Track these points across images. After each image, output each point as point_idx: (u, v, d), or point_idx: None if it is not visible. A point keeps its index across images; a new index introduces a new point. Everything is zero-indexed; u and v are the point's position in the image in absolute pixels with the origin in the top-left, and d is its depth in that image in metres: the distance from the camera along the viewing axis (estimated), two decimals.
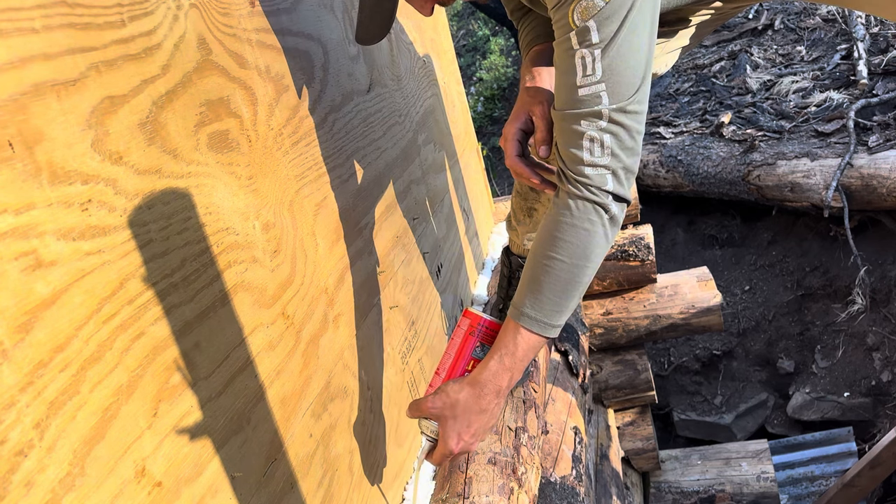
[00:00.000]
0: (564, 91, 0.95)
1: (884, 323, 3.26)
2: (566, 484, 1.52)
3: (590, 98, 0.92)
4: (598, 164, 0.94)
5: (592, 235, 0.98)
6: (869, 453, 2.57)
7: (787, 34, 4.51)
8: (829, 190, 3.17)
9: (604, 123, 0.92)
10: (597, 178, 0.95)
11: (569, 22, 0.91)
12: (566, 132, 0.96)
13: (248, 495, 0.83)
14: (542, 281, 0.99)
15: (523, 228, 1.57)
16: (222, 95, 0.88)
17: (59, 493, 0.56)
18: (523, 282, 1.03)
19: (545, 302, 1.00)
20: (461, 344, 1.12)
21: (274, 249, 0.97)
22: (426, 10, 1.09)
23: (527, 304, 1.00)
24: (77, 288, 0.61)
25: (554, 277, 0.99)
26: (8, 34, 0.57)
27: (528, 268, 1.03)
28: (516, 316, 1.02)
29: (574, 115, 0.94)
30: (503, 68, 6.35)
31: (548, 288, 0.99)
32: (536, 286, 1.00)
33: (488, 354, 1.05)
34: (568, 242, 0.98)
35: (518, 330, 1.01)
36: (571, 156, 0.96)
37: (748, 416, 3.59)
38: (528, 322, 1.00)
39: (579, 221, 0.97)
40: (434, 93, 2.06)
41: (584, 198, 0.96)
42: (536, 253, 1.01)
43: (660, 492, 2.99)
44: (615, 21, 0.89)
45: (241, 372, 0.85)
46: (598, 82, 0.91)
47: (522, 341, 1.02)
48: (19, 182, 0.56)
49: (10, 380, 0.53)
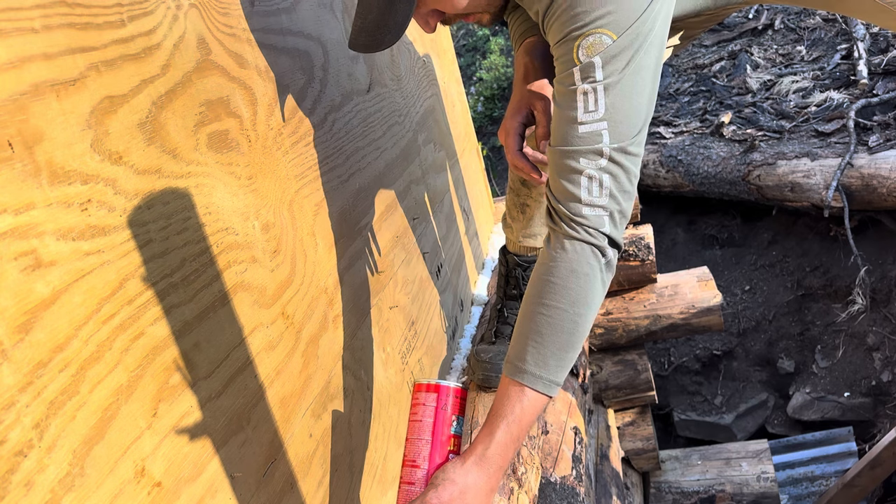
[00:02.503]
0: (564, 127, 0.91)
1: (884, 323, 3.26)
2: (566, 484, 1.52)
3: (590, 136, 0.89)
4: (595, 204, 0.90)
5: (591, 280, 0.92)
6: (869, 453, 2.57)
7: (787, 34, 4.51)
8: (830, 190, 3.17)
9: (604, 162, 0.89)
10: (594, 218, 0.91)
11: (573, 57, 0.89)
12: (563, 169, 0.92)
13: (248, 495, 0.83)
14: (544, 333, 0.91)
15: (517, 225, 1.57)
16: (222, 95, 0.88)
17: (59, 494, 0.56)
18: (520, 335, 0.94)
19: (549, 357, 0.91)
20: (434, 424, 0.97)
21: (274, 249, 0.97)
22: (429, 27, 1.05)
23: (529, 361, 0.91)
24: (77, 288, 0.60)
25: (556, 329, 0.91)
26: (8, 34, 0.57)
27: (523, 319, 0.95)
28: (518, 375, 0.92)
29: (573, 151, 0.90)
30: (503, 68, 6.35)
31: (550, 341, 0.91)
32: (537, 339, 0.91)
33: (489, 423, 0.92)
34: (567, 289, 0.91)
35: (522, 391, 0.91)
36: (568, 194, 0.92)
37: (748, 416, 3.59)
38: (533, 381, 0.91)
39: (578, 265, 0.91)
40: (434, 93, 2.06)
41: (581, 240, 0.91)
42: (532, 302, 0.94)
43: (660, 492, 2.99)
44: (621, 60, 0.87)
45: (240, 372, 0.85)
46: (600, 120, 0.89)
47: (529, 404, 0.91)
48: (19, 182, 0.56)
49: (10, 380, 0.53)
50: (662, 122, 4.19)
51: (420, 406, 0.99)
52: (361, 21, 0.99)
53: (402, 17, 0.95)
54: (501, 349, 1.56)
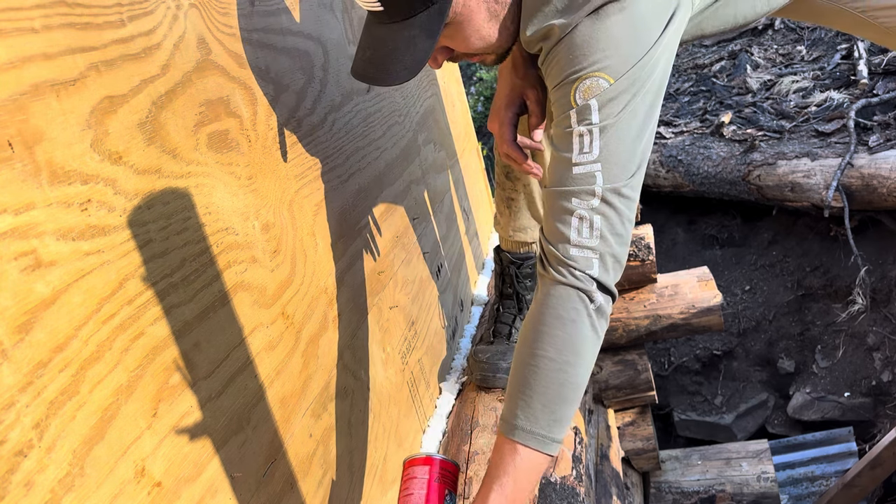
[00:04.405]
0: (559, 169, 0.91)
1: (884, 323, 3.26)
2: (566, 484, 1.51)
3: (584, 177, 0.88)
4: (584, 245, 0.89)
5: (579, 327, 0.88)
6: (869, 453, 2.57)
7: (787, 34, 4.51)
8: (830, 190, 3.17)
9: (595, 202, 0.88)
10: (582, 260, 0.89)
11: (570, 100, 0.89)
12: (556, 210, 0.91)
13: (248, 495, 0.83)
14: (532, 385, 0.87)
15: (505, 220, 1.57)
16: (222, 95, 0.88)
17: (59, 494, 0.56)
18: (511, 389, 0.91)
19: (538, 410, 0.87)
20: (428, 496, 0.91)
21: (273, 249, 0.97)
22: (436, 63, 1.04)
23: (519, 416, 0.87)
24: (77, 288, 0.60)
25: (543, 380, 0.87)
26: (8, 34, 0.57)
27: (514, 370, 0.91)
28: (508, 431, 0.88)
29: (567, 192, 0.89)
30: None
31: (539, 393, 0.87)
32: (526, 392, 0.88)
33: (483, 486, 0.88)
34: (553, 336, 0.88)
35: (514, 448, 0.87)
36: (557, 234, 0.90)
37: (748, 416, 3.59)
38: (524, 437, 0.87)
39: (563, 311, 0.88)
40: (434, 93, 2.06)
41: (566, 283, 0.89)
42: (521, 352, 0.91)
43: (660, 492, 2.99)
44: (618, 103, 0.87)
45: (240, 372, 0.85)
46: (594, 161, 0.88)
47: (522, 462, 0.86)
48: (19, 182, 0.56)
49: (10, 380, 0.53)
50: (662, 122, 4.19)
51: (411, 480, 0.94)
52: (371, 53, 0.96)
53: (421, 53, 0.93)
54: (499, 349, 1.56)
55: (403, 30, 0.91)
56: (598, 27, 0.87)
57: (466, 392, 1.60)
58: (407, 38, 0.92)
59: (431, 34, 0.91)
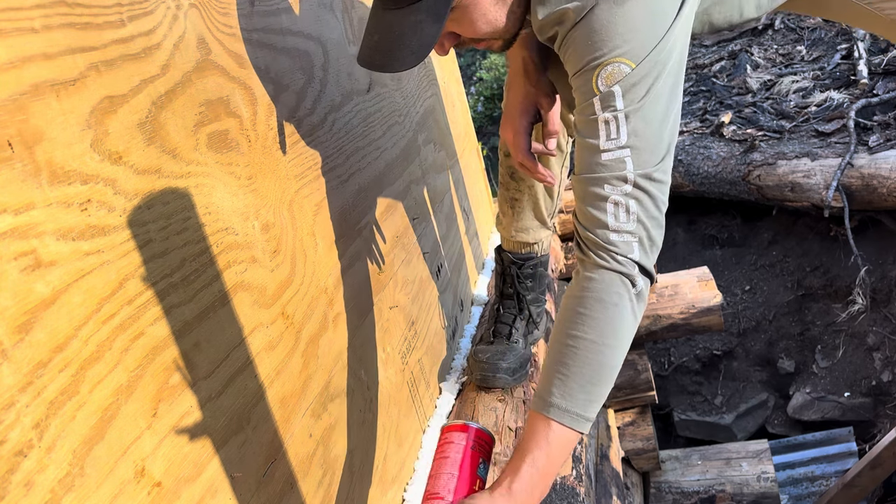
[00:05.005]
0: (587, 156, 0.91)
1: (884, 323, 3.26)
2: (566, 484, 1.51)
3: (614, 163, 0.89)
4: (623, 229, 0.90)
5: (620, 311, 0.90)
6: (869, 453, 2.57)
7: (787, 34, 4.51)
8: (830, 190, 3.17)
9: (629, 188, 0.89)
10: (622, 245, 0.90)
11: (593, 87, 0.89)
12: (589, 196, 0.92)
13: (248, 495, 0.83)
14: (570, 364, 0.89)
15: (507, 220, 1.57)
16: (222, 95, 0.88)
17: (59, 494, 0.56)
18: (547, 367, 0.93)
19: (575, 390, 0.89)
20: (462, 460, 0.94)
21: (273, 249, 0.97)
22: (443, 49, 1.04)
23: (555, 394, 0.89)
24: (76, 288, 0.60)
25: (582, 360, 0.89)
26: (7, 34, 0.57)
27: (550, 351, 0.94)
28: (544, 408, 0.90)
29: (597, 178, 0.90)
30: (503, 68, 6.34)
31: (576, 373, 0.89)
32: (563, 371, 0.90)
33: (515, 458, 0.89)
34: (594, 319, 0.90)
35: (549, 425, 0.89)
36: (594, 220, 0.91)
37: (748, 416, 3.59)
38: (559, 414, 0.89)
39: (606, 295, 0.90)
40: (434, 93, 2.06)
41: (609, 268, 0.90)
42: (559, 333, 0.93)
43: (660, 492, 2.99)
44: (641, 88, 0.88)
45: (240, 372, 0.85)
46: (622, 147, 0.89)
47: (555, 438, 0.88)
48: (18, 182, 0.56)
49: (10, 380, 0.53)
50: None
51: (448, 444, 0.97)
52: (378, 38, 0.95)
53: (428, 38, 0.93)
54: (499, 349, 1.56)
55: (410, 14, 0.92)
56: (616, 11, 0.87)
57: (466, 392, 1.60)
58: (413, 23, 0.92)
59: (438, 18, 0.92)
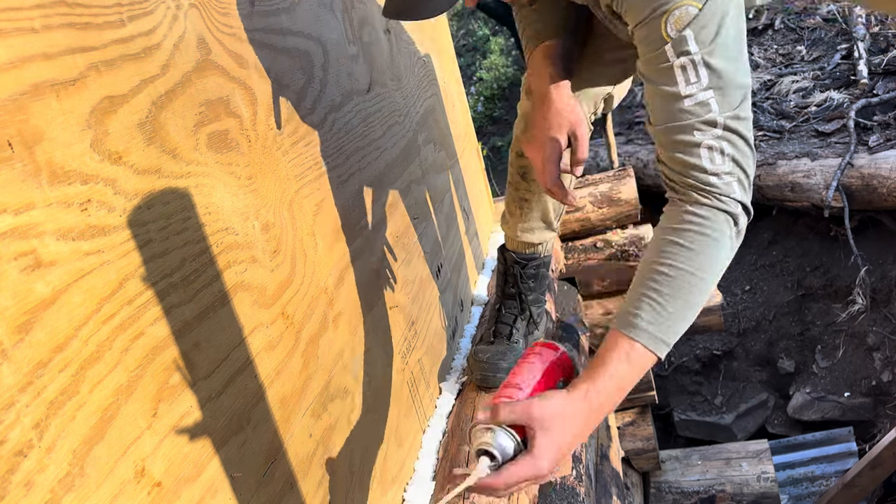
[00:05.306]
0: (667, 104, 0.91)
1: (884, 323, 3.26)
2: (566, 484, 1.51)
3: (699, 107, 0.89)
4: (721, 171, 0.91)
5: (721, 247, 0.92)
6: (869, 453, 2.57)
7: (787, 34, 4.51)
8: (830, 190, 3.17)
9: (719, 132, 0.89)
10: (723, 186, 0.91)
11: (662, 35, 0.88)
12: (677, 145, 0.92)
13: (248, 495, 0.83)
14: (663, 292, 0.90)
15: (514, 220, 1.56)
16: (222, 95, 0.88)
17: (59, 494, 0.56)
18: (636, 292, 0.93)
19: (664, 316, 0.90)
20: (546, 370, 0.96)
21: (273, 249, 0.97)
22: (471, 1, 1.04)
23: (643, 317, 0.90)
24: (76, 288, 0.60)
25: (676, 290, 0.90)
26: (7, 34, 0.57)
27: (643, 277, 0.94)
28: (630, 329, 0.90)
29: (684, 126, 0.90)
30: (503, 68, 6.35)
31: (669, 301, 0.90)
32: (655, 297, 0.90)
33: (592, 370, 0.90)
34: (695, 252, 0.91)
35: (632, 345, 0.89)
36: (689, 165, 0.92)
37: (748, 416, 3.59)
38: (645, 337, 0.89)
39: (710, 231, 0.91)
40: (434, 93, 2.06)
41: (714, 206, 0.91)
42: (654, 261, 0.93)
43: (660, 492, 2.99)
44: (711, 28, 0.87)
45: (240, 372, 0.85)
46: (705, 89, 0.88)
47: (637, 358, 0.89)
48: (19, 182, 0.56)
49: (10, 380, 0.53)
50: None
51: (536, 355, 0.98)
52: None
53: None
54: (499, 349, 1.55)
55: None
56: None
57: (466, 392, 1.60)
58: None
59: None
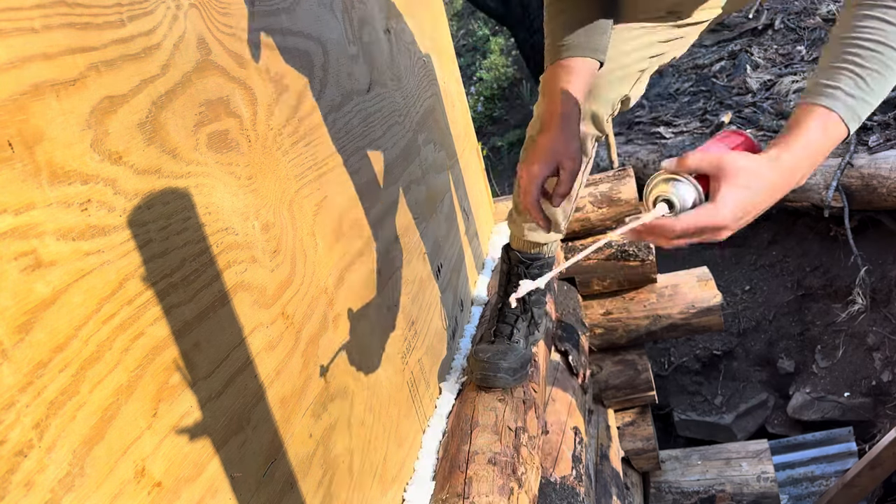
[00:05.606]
0: None
1: (884, 323, 3.26)
2: (566, 484, 1.52)
3: None
4: None
5: None
6: (869, 453, 2.57)
7: (787, 34, 4.51)
8: (830, 190, 3.17)
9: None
10: None
11: None
12: None
13: (248, 495, 0.83)
14: (868, 67, 0.86)
15: (521, 218, 1.57)
16: (222, 95, 0.88)
17: (59, 494, 0.56)
18: (830, 67, 0.89)
19: (866, 92, 0.86)
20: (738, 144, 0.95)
21: (273, 249, 0.97)
22: None
23: (843, 89, 0.86)
24: (77, 288, 0.61)
25: (881, 65, 0.85)
26: (7, 34, 0.57)
27: (837, 52, 0.89)
28: (830, 100, 0.87)
29: None
30: (503, 68, 6.35)
31: (871, 76, 0.86)
32: (858, 72, 0.86)
33: (783, 138, 0.88)
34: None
35: (829, 116, 0.86)
36: None
37: (748, 416, 3.59)
38: (844, 111, 0.86)
39: None
40: (434, 93, 2.06)
41: None
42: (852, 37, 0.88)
43: (660, 492, 2.99)
44: None
45: (240, 372, 0.85)
46: None
47: (832, 129, 0.86)
48: (19, 182, 0.56)
49: (10, 380, 0.53)
50: (662, 122, 4.19)
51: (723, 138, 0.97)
52: None
53: None
54: (500, 348, 1.56)
55: None
56: None
57: (466, 392, 1.60)
58: None
59: None
